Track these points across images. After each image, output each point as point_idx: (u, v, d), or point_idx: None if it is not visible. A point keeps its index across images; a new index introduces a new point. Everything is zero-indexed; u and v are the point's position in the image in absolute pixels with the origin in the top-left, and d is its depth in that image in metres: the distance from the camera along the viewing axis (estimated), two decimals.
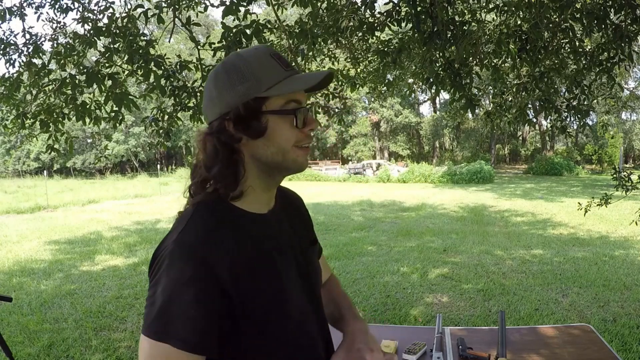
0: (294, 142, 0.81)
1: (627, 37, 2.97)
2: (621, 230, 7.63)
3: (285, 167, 0.83)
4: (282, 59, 0.83)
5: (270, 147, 0.80)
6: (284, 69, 0.81)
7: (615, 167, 4.08)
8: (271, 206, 0.90)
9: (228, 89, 0.79)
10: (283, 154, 0.81)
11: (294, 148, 0.82)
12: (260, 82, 0.78)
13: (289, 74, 0.81)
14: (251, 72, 0.79)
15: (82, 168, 35.31)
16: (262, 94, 0.78)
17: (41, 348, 3.41)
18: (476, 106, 3.12)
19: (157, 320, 0.69)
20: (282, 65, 0.81)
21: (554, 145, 32.33)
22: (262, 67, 0.79)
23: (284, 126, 0.80)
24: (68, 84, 3.34)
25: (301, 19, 3.58)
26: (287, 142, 0.81)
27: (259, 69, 0.79)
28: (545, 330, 1.91)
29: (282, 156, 0.81)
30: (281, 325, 0.81)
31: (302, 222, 1.02)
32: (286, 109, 0.80)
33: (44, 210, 12.91)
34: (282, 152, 0.81)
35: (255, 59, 0.80)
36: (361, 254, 6.43)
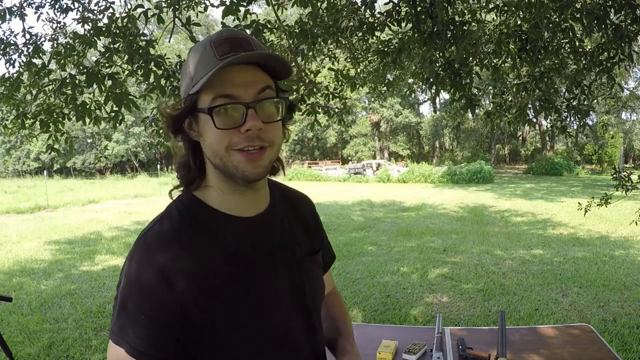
0: (226, 145, 0.69)
1: (627, 37, 2.97)
2: (621, 230, 7.63)
3: (229, 173, 0.72)
4: (226, 44, 0.70)
5: (207, 149, 0.72)
6: (217, 57, 0.68)
7: (615, 167, 4.08)
8: (260, 209, 0.80)
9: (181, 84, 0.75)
10: (219, 158, 0.71)
11: (232, 151, 0.70)
12: (192, 77, 0.70)
13: (219, 63, 0.67)
14: (188, 67, 0.72)
15: (82, 168, 35.31)
16: (191, 90, 0.70)
17: (41, 348, 3.41)
18: (476, 106, 3.13)
19: (116, 321, 0.68)
20: (217, 53, 0.69)
21: (554, 145, 32.33)
22: (197, 59, 0.70)
23: (210, 127, 0.69)
24: (68, 84, 3.34)
25: (301, 19, 3.57)
26: (217, 145, 0.70)
27: (194, 61, 0.71)
28: (545, 330, 1.91)
29: (219, 160, 0.71)
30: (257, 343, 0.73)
31: (304, 228, 0.90)
32: (210, 106, 0.68)
33: (44, 210, 12.91)
34: (217, 155, 0.71)
35: (195, 50, 0.72)
36: (361, 254, 6.43)
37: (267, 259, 0.78)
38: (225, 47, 0.69)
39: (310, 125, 4.26)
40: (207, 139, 0.71)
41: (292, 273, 0.81)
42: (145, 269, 0.68)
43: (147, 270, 0.67)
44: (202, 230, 0.74)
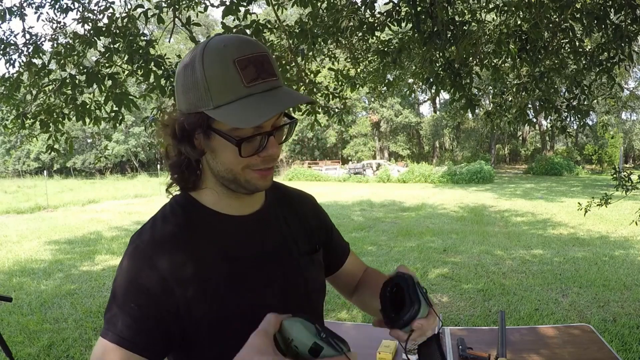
0: (244, 166, 0.71)
1: (627, 37, 2.97)
2: (621, 230, 7.63)
3: (238, 184, 0.74)
4: (252, 66, 0.67)
5: (218, 164, 0.73)
6: (245, 84, 0.66)
7: (615, 167, 4.08)
8: (256, 208, 0.82)
9: (182, 91, 0.70)
10: (233, 174, 0.72)
11: (247, 170, 0.72)
12: (210, 97, 0.66)
13: (248, 93, 0.66)
14: (203, 81, 0.67)
15: (82, 168, 35.31)
16: (209, 112, 0.67)
17: (41, 348, 3.41)
18: (476, 106, 3.12)
19: (105, 314, 0.69)
20: (245, 78, 0.66)
21: (554, 145, 32.33)
22: (216, 78, 0.66)
23: (231, 151, 0.69)
24: (68, 84, 3.34)
25: (301, 19, 3.57)
26: (234, 165, 0.71)
27: (213, 79, 0.66)
28: (545, 330, 1.91)
29: (232, 175, 0.73)
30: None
31: (303, 227, 0.89)
32: (232, 135, 0.68)
33: (44, 210, 12.91)
34: (230, 172, 0.72)
35: (214, 65, 0.66)
36: (361, 254, 6.43)
37: (261, 257, 0.78)
38: (251, 72, 0.66)
39: (310, 125, 4.26)
40: (221, 158, 0.72)
41: (285, 272, 0.80)
42: (142, 269, 0.69)
43: (143, 271, 0.69)
44: (197, 230, 0.75)
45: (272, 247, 0.81)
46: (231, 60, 0.66)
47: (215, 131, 0.69)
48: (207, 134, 0.70)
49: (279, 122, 0.73)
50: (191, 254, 0.72)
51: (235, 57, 0.66)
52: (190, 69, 0.68)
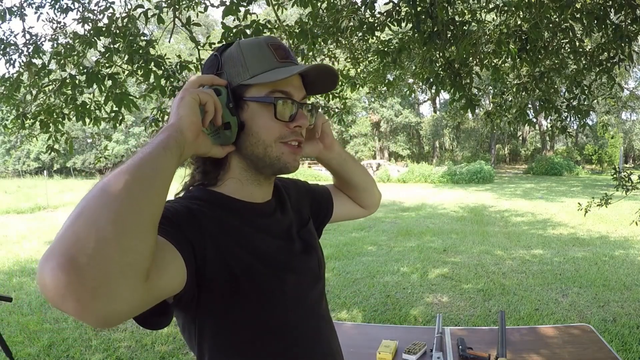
0: (276, 136, 0.76)
1: (627, 37, 2.97)
2: (621, 230, 7.63)
3: (268, 163, 0.78)
4: (281, 49, 0.78)
5: (249, 138, 0.76)
6: (278, 59, 0.76)
7: (615, 167, 4.08)
8: (267, 197, 0.86)
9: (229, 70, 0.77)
10: (264, 147, 0.76)
11: (279, 144, 0.77)
12: (247, 69, 0.75)
13: (280, 65, 0.76)
14: (241, 59, 0.76)
15: (82, 168, 35.29)
16: (244, 81, 0.75)
17: (41, 348, 3.41)
18: (476, 106, 3.12)
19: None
20: (277, 55, 0.76)
21: (554, 145, 32.33)
22: (253, 55, 0.76)
23: (265, 116, 0.75)
24: (68, 84, 3.34)
25: (301, 19, 3.57)
26: (267, 135, 0.76)
27: (250, 56, 0.76)
28: (545, 330, 1.91)
29: (263, 149, 0.76)
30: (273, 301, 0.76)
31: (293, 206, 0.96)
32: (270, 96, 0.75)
33: (44, 210, 12.90)
34: (262, 144, 0.76)
35: (250, 46, 0.77)
36: (361, 254, 6.43)
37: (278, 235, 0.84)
38: (282, 52, 0.78)
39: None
40: (255, 128, 0.76)
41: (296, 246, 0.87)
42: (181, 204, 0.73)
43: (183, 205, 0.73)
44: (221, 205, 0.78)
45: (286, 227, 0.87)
46: (265, 43, 0.77)
47: (250, 99, 0.75)
48: (241, 105, 0.75)
49: (306, 100, 0.81)
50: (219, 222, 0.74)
51: (268, 41, 0.78)
52: (227, 55, 0.78)
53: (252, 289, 0.73)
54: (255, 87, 0.75)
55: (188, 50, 28.31)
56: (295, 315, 0.80)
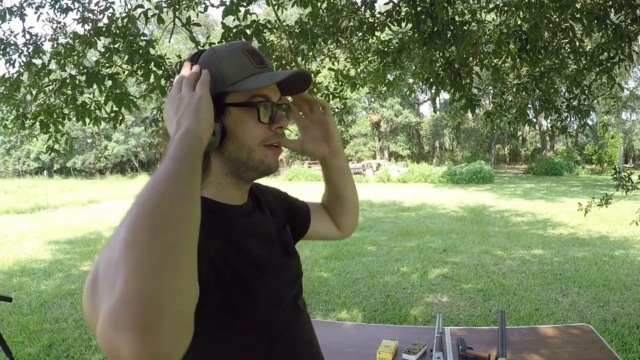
0: (260, 140, 0.78)
1: (627, 37, 2.97)
2: (621, 230, 7.63)
3: (251, 166, 0.79)
4: (256, 54, 0.79)
5: (233, 144, 0.77)
6: (255, 65, 0.78)
7: (615, 167, 4.08)
8: (244, 200, 0.86)
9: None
10: (248, 152, 0.77)
11: (261, 147, 0.78)
12: (225, 77, 0.76)
13: (258, 71, 0.78)
14: (218, 66, 0.76)
15: (82, 168, 35.30)
16: (225, 88, 0.75)
17: (41, 348, 3.41)
18: (476, 106, 3.12)
19: None
20: (253, 61, 0.78)
21: (554, 145, 32.33)
22: (230, 63, 0.77)
23: (247, 121, 0.77)
24: (68, 84, 3.34)
25: (301, 19, 3.57)
26: (251, 139, 0.77)
27: (228, 64, 0.77)
28: (545, 330, 1.91)
29: (246, 154, 0.77)
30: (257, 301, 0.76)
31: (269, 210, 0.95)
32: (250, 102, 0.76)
33: (44, 210, 12.91)
34: (246, 149, 0.77)
35: (225, 54, 0.78)
36: (361, 254, 6.43)
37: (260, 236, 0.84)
38: (258, 58, 0.79)
39: None
40: (239, 133, 0.77)
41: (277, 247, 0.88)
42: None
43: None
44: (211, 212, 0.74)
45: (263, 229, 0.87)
46: (240, 49, 0.79)
47: (232, 105, 0.76)
48: (222, 111, 0.76)
49: (283, 100, 0.84)
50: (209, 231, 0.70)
51: (243, 47, 0.79)
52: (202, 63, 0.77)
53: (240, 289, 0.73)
54: (235, 93, 0.76)
55: (188, 50, 28.31)
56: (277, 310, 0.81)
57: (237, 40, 0.89)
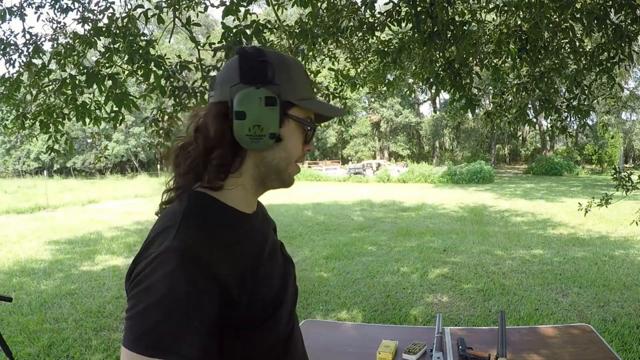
0: (297, 157, 0.82)
1: (627, 37, 2.97)
2: (621, 230, 7.63)
3: (281, 177, 0.81)
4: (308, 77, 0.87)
5: (280, 152, 0.79)
6: (311, 89, 0.85)
7: (615, 167, 4.08)
8: (254, 209, 0.86)
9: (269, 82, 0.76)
10: (287, 163, 0.80)
11: (294, 162, 0.82)
12: (296, 89, 0.78)
13: (314, 96, 0.85)
14: (290, 76, 0.78)
15: (82, 168, 35.30)
16: (295, 101, 0.78)
17: (41, 348, 3.41)
18: (476, 106, 3.12)
19: (152, 332, 0.60)
20: (310, 85, 0.85)
21: (554, 145, 32.33)
22: (300, 79, 0.80)
23: (297, 136, 0.81)
24: (68, 84, 3.34)
25: (301, 19, 3.57)
26: (294, 153, 0.81)
27: (298, 78, 0.80)
28: (545, 330, 1.91)
29: (285, 165, 0.80)
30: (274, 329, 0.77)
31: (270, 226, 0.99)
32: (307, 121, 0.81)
33: (44, 210, 12.91)
34: (287, 160, 0.80)
35: (297, 67, 0.81)
36: (361, 254, 6.43)
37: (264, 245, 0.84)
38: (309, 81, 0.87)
39: None
40: (289, 144, 0.80)
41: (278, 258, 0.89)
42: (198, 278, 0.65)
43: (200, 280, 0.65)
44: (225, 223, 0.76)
45: (270, 241, 0.88)
46: (303, 69, 0.84)
47: (294, 118, 0.79)
48: (283, 121, 0.77)
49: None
50: (234, 249, 0.74)
51: (303, 68, 0.85)
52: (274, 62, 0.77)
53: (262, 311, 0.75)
54: (299, 108, 0.79)
55: (188, 50, 28.32)
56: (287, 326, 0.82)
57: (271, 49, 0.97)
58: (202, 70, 3.51)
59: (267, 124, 0.74)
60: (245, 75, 0.75)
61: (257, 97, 0.74)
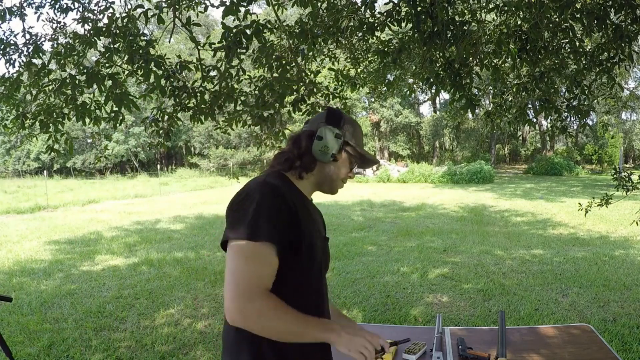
0: (342, 177, 1.27)
1: (627, 37, 2.97)
2: (621, 230, 7.63)
3: (329, 187, 1.27)
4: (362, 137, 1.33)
5: (333, 170, 1.24)
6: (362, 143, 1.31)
7: (615, 167, 4.08)
8: (311, 198, 1.30)
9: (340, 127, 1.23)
10: (336, 177, 1.26)
11: (340, 180, 1.27)
12: (353, 138, 1.26)
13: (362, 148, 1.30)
14: (353, 129, 1.27)
15: (82, 168, 35.29)
16: (351, 143, 1.25)
17: (41, 348, 3.41)
18: (476, 106, 3.12)
19: (251, 225, 1.01)
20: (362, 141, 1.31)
21: (554, 145, 32.32)
22: (358, 134, 1.29)
23: (346, 164, 1.26)
24: (68, 84, 3.34)
25: (301, 19, 3.57)
26: (341, 173, 1.26)
27: (357, 133, 1.28)
28: (545, 330, 1.91)
29: (335, 178, 1.25)
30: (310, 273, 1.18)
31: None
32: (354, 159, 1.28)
33: (44, 210, 12.91)
34: (335, 177, 1.25)
35: (358, 127, 1.30)
36: (361, 254, 6.43)
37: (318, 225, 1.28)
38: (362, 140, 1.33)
39: None
40: (339, 168, 1.25)
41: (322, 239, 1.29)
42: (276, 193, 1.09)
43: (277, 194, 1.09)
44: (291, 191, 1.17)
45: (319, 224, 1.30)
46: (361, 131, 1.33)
47: (347, 153, 1.26)
48: (341, 151, 1.24)
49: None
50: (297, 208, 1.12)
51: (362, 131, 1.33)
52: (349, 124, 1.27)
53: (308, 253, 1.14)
54: (352, 147, 1.25)
55: (188, 50, 28.31)
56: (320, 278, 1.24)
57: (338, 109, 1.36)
58: (202, 70, 3.51)
59: (332, 147, 1.19)
60: (328, 120, 1.23)
61: (331, 131, 1.19)
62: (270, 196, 1.07)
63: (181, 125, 4.49)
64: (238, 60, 3.32)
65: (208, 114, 3.55)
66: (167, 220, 10.20)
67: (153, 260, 6.30)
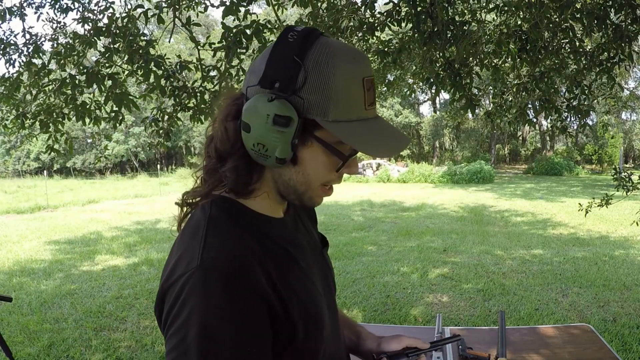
0: (323, 182, 0.69)
1: (627, 37, 2.98)
2: (621, 230, 7.63)
3: (300, 199, 0.71)
4: (372, 90, 0.65)
5: (297, 175, 0.67)
6: (365, 106, 0.64)
7: (615, 167, 4.08)
8: (284, 209, 0.79)
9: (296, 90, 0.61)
10: (306, 187, 0.69)
11: (321, 186, 0.70)
12: (328, 107, 0.61)
13: (366, 116, 0.64)
14: (329, 88, 0.60)
15: (82, 168, 35.29)
16: (323, 122, 0.61)
17: (41, 348, 3.41)
18: (476, 106, 3.13)
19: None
20: (367, 99, 0.64)
21: (554, 145, 32.32)
22: (344, 90, 0.61)
23: (324, 162, 0.66)
24: (68, 84, 3.34)
25: (301, 19, 3.58)
26: (316, 179, 0.68)
27: (341, 90, 0.61)
28: (545, 330, 1.91)
29: (304, 188, 0.69)
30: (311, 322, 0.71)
31: (312, 223, 0.93)
32: (339, 149, 0.64)
33: (44, 210, 12.91)
34: (306, 185, 0.68)
35: (345, 75, 0.61)
36: (361, 254, 6.43)
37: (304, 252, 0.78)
38: (371, 95, 0.65)
39: None
40: (308, 169, 0.67)
41: (317, 262, 0.82)
42: (246, 300, 0.60)
43: (247, 302, 0.60)
44: (251, 228, 0.69)
45: (307, 243, 0.81)
46: (361, 77, 0.63)
47: (320, 141, 0.64)
48: (305, 141, 0.64)
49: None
50: (268, 260, 0.66)
51: (364, 75, 0.63)
52: (312, 66, 0.60)
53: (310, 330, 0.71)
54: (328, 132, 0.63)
55: (188, 50, 28.29)
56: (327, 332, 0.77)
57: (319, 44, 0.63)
58: (202, 70, 3.51)
59: (272, 146, 0.61)
60: (266, 77, 0.61)
61: (264, 113, 0.60)
62: (227, 301, 0.58)
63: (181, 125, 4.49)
64: (238, 60, 3.33)
65: (208, 114, 3.55)
66: (167, 220, 10.11)
67: (153, 260, 6.30)
